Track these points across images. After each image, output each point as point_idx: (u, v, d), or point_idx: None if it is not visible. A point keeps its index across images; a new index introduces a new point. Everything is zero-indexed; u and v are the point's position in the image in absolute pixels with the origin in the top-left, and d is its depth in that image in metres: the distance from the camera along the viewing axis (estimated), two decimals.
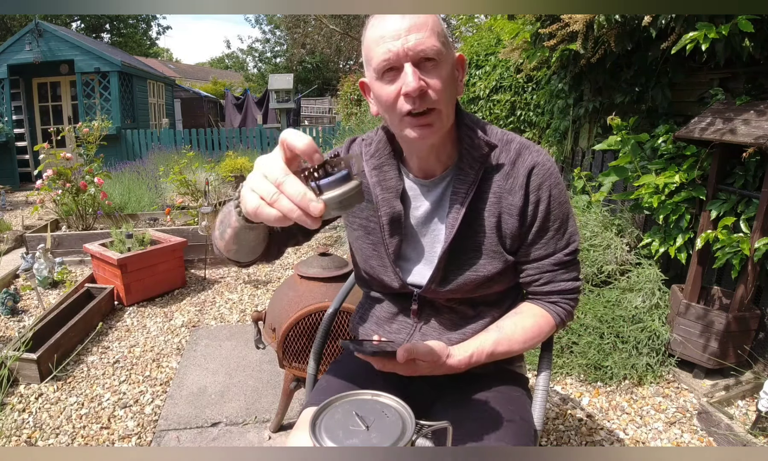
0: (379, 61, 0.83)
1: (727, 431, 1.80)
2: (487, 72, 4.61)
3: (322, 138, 8.21)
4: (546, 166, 0.91)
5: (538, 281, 0.97)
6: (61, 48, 8.22)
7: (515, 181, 0.90)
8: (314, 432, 0.65)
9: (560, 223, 0.94)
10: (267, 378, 2.26)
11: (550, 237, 0.94)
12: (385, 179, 0.96)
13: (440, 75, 0.83)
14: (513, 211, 0.91)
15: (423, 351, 0.86)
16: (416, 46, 0.80)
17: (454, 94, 0.88)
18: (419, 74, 0.81)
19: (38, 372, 2.16)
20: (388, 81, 0.84)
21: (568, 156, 3.36)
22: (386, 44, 0.81)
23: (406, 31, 0.81)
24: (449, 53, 0.86)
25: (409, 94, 0.81)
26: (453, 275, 0.94)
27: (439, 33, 0.83)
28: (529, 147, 0.93)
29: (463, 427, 0.91)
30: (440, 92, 0.83)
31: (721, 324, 1.97)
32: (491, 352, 0.93)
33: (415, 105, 0.82)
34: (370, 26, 0.86)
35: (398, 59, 0.81)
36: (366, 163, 0.98)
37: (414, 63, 0.81)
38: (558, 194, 0.92)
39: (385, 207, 0.95)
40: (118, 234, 3.20)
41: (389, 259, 0.98)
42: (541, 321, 0.97)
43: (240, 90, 17.08)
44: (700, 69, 2.36)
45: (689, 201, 2.18)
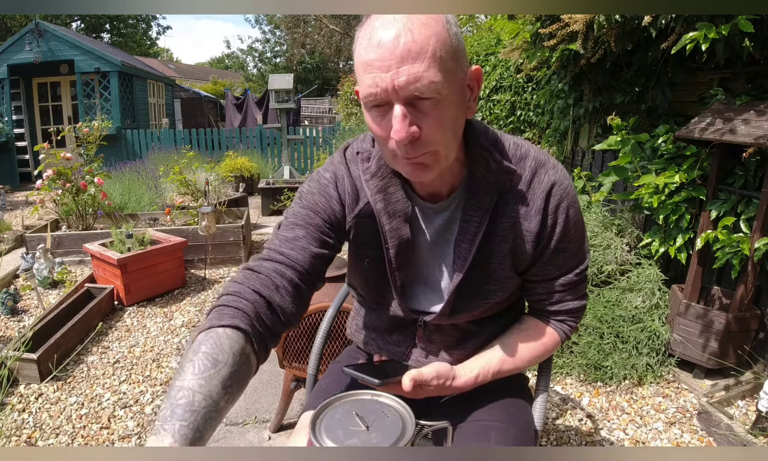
0: (365, 94, 0.70)
1: (727, 431, 1.80)
2: (487, 72, 4.62)
3: (321, 138, 8.21)
4: (563, 185, 0.83)
5: (546, 300, 0.93)
6: (61, 48, 8.21)
7: (532, 204, 0.82)
8: (314, 432, 0.65)
9: (576, 243, 0.88)
10: (267, 378, 2.26)
11: (564, 259, 0.88)
12: (390, 202, 0.84)
13: (439, 116, 0.69)
14: (529, 237, 0.84)
15: (429, 376, 0.83)
16: (407, 84, 0.66)
17: (458, 128, 0.75)
18: (410, 118, 0.68)
19: (38, 372, 2.15)
20: (377, 116, 0.71)
21: (568, 156, 3.36)
22: (373, 75, 0.67)
23: (398, 60, 0.65)
24: (456, 79, 0.70)
25: (397, 142, 0.69)
26: (463, 305, 0.90)
27: (441, 58, 0.66)
28: (545, 164, 0.83)
29: (462, 427, 0.91)
30: (437, 134, 0.70)
31: (721, 324, 1.97)
32: (497, 371, 0.91)
33: (407, 153, 0.71)
34: (360, 40, 0.70)
35: (387, 96, 0.68)
36: (367, 184, 0.85)
37: (406, 102, 0.68)
38: (575, 214, 0.85)
39: (393, 238, 0.85)
40: (118, 234, 3.20)
41: (396, 292, 0.90)
42: (546, 340, 0.95)
43: (240, 90, 17.07)
44: (700, 69, 2.36)
45: (689, 201, 2.18)
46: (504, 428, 0.90)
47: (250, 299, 0.75)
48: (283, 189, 5.27)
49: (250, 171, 6.64)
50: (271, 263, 0.80)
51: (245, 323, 0.72)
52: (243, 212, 4.29)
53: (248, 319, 0.72)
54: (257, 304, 0.75)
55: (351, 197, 0.88)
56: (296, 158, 8.00)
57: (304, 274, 0.81)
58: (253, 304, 0.74)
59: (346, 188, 0.88)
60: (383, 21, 0.67)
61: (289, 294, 0.79)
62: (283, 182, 5.83)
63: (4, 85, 8.08)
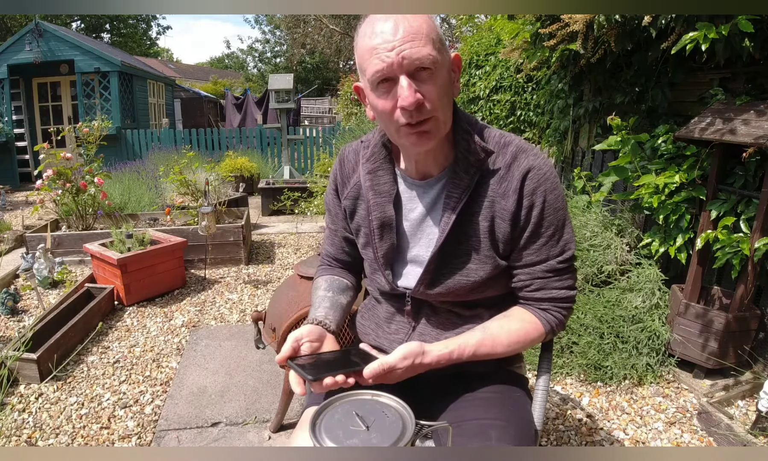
0: (373, 73, 0.81)
1: (727, 431, 1.80)
2: (487, 72, 4.62)
3: (321, 138, 8.21)
4: (542, 171, 0.89)
5: (529, 287, 0.95)
6: (61, 48, 8.21)
7: (509, 185, 0.88)
8: (314, 432, 0.65)
9: (554, 229, 0.91)
10: (267, 378, 2.26)
11: (543, 244, 0.91)
12: (378, 183, 0.97)
13: (436, 83, 0.82)
14: (505, 215, 0.89)
15: (394, 360, 0.82)
16: (411, 56, 0.79)
17: (450, 99, 0.88)
18: (415, 87, 0.80)
19: (38, 372, 2.15)
20: (383, 92, 0.83)
21: (568, 156, 3.36)
22: (380, 55, 0.80)
23: (400, 40, 0.79)
24: (445, 58, 0.84)
25: (405, 108, 0.80)
26: (443, 278, 0.94)
27: (434, 39, 0.81)
28: (527, 150, 0.90)
29: (463, 427, 0.91)
30: (437, 101, 0.82)
31: (721, 324, 1.97)
32: (473, 352, 0.90)
33: (413, 118, 0.82)
34: (362, 34, 0.83)
35: (393, 71, 0.80)
36: (362, 166, 0.99)
37: (409, 74, 0.80)
38: (554, 200, 0.89)
39: (376, 211, 0.96)
40: (118, 234, 3.20)
41: (378, 263, 0.99)
42: (528, 327, 0.94)
43: (240, 90, 17.08)
44: (700, 69, 2.36)
45: (689, 201, 2.18)
46: (504, 427, 0.90)
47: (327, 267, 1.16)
48: (283, 189, 5.27)
49: (250, 171, 6.64)
50: (325, 258, 1.17)
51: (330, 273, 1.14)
52: (243, 212, 4.29)
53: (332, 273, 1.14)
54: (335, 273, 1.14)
55: (346, 181, 1.05)
56: (296, 158, 8.00)
57: (342, 260, 1.14)
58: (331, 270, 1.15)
59: (346, 172, 1.05)
60: (380, 17, 0.82)
61: (347, 270, 1.15)
62: (283, 182, 5.83)
63: (4, 85, 8.08)
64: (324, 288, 1.08)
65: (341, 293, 1.07)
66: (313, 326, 0.92)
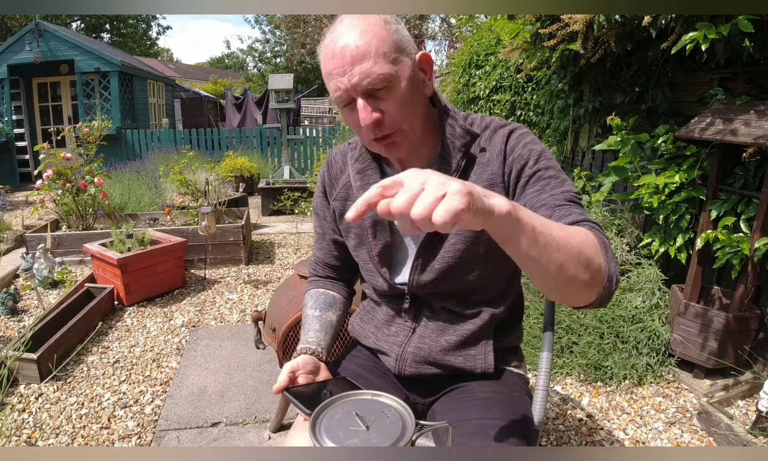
0: (333, 97, 0.84)
1: (727, 431, 1.80)
2: (487, 72, 4.62)
3: (321, 138, 8.20)
4: (523, 130, 0.91)
5: (553, 216, 0.79)
6: (61, 48, 8.21)
7: (493, 151, 0.90)
8: (314, 432, 0.65)
9: (554, 171, 0.85)
10: (267, 378, 2.26)
11: (549, 184, 0.84)
12: (369, 182, 0.97)
13: (395, 98, 0.82)
14: (496, 179, 0.89)
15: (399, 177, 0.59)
16: (361, 80, 0.79)
17: (418, 103, 0.87)
18: (371, 107, 0.81)
19: (38, 372, 2.16)
20: (349, 111, 0.85)
21: (568, 156, 3.36)
22: (335, 80, 0.82)
23: (350, 64, 0.79)
24: (402, 68, 0.82)
25: (364, 128, 0.83)
26: (432, 260, 0.94)
27: (386, 53, 0.80)
28: (507, 124, 0.92)
29: (463, 427, 0.91)
30: (397, 114, 0.83)
31: (721, 323, 1.97)
32: (531, 215, 0.63)
33: (376, 134, 0.84)
34: (321, 55, 0.85)
35: (349, 95, 0.82)
36: (351, 167, 1.01)
37: (365, 94, 0.81)
38: (541, 149, 0.88)
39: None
40: (118, 234, 3.20)
41: (373, 262, 1.00)
42: (576, 230, 0.72)
43: (240, 90, 17.07)
44: (700, 69, 2.36)
45: (689, 201, 2.18)
46: (504, 428, 0.90)
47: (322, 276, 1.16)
48: (283, 189, 5.27)
49: (250, 171, 6.64)
50: (314, 265, 1.17)
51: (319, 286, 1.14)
52: (243, 212, 4.29)
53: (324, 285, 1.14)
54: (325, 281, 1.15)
55: (335, 183, 1.06)
56: (296, 158, 8.00)
57: (332, 265, 1.14)
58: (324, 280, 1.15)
59: (333, 174, 1.06)
60: (332, 36, 0.82)
61: (336, 278, 1.15)
62: (283, 182, 5.83)
63: (4, 85, 8.08)
64: (311, 307, 1.08)
65: (329, 308, 1.08)
66: (308, 356, 0.94)
